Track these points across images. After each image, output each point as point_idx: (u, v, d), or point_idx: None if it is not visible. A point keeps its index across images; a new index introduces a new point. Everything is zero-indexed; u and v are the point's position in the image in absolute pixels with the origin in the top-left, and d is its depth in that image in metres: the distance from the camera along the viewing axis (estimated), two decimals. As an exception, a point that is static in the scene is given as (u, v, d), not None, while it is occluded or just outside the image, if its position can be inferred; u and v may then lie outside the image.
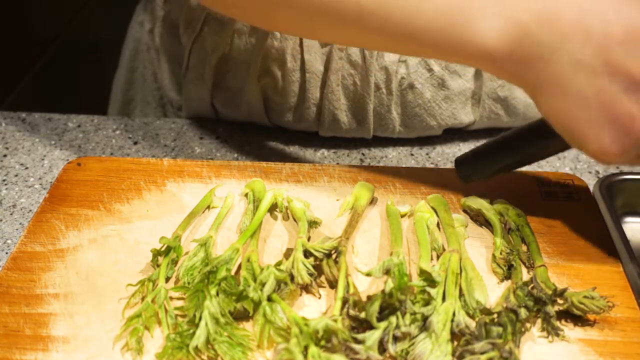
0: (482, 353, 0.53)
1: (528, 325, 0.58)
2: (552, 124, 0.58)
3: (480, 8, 0.57)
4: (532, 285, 0.60)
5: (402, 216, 0.69)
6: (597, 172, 0.81)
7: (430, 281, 0.59)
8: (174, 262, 0.63)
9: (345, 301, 0.57)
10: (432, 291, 0.58)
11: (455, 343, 0.56)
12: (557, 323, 0.58)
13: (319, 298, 0.61)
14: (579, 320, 0.59)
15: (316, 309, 0.60)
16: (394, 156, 0.84)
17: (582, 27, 0.54)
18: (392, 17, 0.59)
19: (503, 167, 0.70)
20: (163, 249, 0.63)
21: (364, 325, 0.56)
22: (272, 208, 0.70)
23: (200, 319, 0.56)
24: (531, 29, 0.55)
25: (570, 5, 0.54)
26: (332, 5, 0.60)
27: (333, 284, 0.61)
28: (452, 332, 0.56)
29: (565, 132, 0.58)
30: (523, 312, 0.57)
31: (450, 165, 0.83)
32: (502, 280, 0.63)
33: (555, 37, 0.54)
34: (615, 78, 0.53)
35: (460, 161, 0.72)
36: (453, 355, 0.54)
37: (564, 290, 0.59)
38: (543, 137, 0.64)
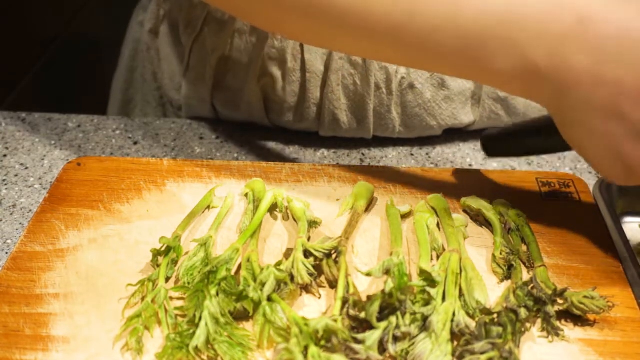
0: (482, 353, 0.53)
1: (528, 325, 0.58)
2: (570, 145, 0.60)
3: (493, 45, 0.56)
4: (532, 285, 0.60)
5: (402, 216, 0.69)
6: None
7: (430, 281, 0.59)
8: (174, 262, 0.63)
9: (345, 301, 0.57)
10: (432, 291, 0.58)
11: (455, 343, 0.56)
12: (557, 323, 0.58)
13: (319, 298, 0.61)
14: (579, 320, 0.59)
15: (316, 309, 0.60)
16: (394, 156, 0.84)
17: (594, 75, 0.54)
18: (406, 41, 0.59)
19: (530, 150, 0.70)
20: (163, 249, 0.63)
21: (364, 325, 0.56)
22: (272, 208, 0.70)
23: (200, 319, 0.56)
24: (542, 72, 0.55)
25: (582, 52, 0.54)
26: (350, 18, 0.59)
27: (333, 284, 0.61)
28: (452, 332, 0.56)
29: (582, 156, 0.60)
30: (523, 312, 0.57)
31: (450, 165, 0.83)
32: (502, 280, 0.63)
33: (566, 84, 0.55)
34: (623, 125, 0.55)
35: (487, 137, 0.72)
36: (453, 355, 0.54)
37: (564, 290, 0.59)
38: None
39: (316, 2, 0.60)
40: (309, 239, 0.65)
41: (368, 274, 0.61)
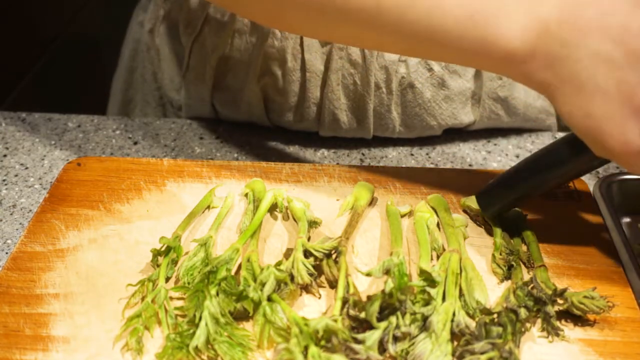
0: (482, 353, 0.53)
1: (528, 325, 0.58)
2: (571, 125, 0.58)
3: (502, 7, 0.56)
4: (532, 285, 0.60)
5: (402, 216, 0.69)
6: (597, 172, 0.81)
7: (430, 281, 0.59)
8: (174, 262, 0.63)
9: (345, 301, 0.57)
10: (432, 291, 0.58)
11: (455, 343, 0.56)
12: (557, 323, 0.58)
13: (319, 298, 0.61)
14: (579, 320, 0.59)
15: (316, 309, 0.60)
16: (394, 156, 0.84)
17: (601, 23, 0.54)
18: (410, 17, 0.58)
19: (527, 193, 0.66)
20: (163, 249, 0.63)
21: (364, 325, 0.56)
22: (272, 208, 0.70)
23: (200, 319, 0.56)
24: (552, 26, 0.55)
25: (589, 4, 0.55)
26: (346, 5, 0.60)
27: (333, 284, 0.61)
28: (452, 332, 0.56)
29: (585, 132, 0.56)
30: (523, 312, 0.57)
31: (450, 165, 0.83)
32: (502, 281, 0.63)
33: (575, 34, 0.55)
34: (634, 68, 0.53)
35: (481, 193, 0.68)
36: (453, 355, 0.54)
37: (564, 290, 0.59)
38: (571, 156, 0.62)
39: None
40: (309, 239, 0.65)
41: (368, 274, 0.61)
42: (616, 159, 0.56)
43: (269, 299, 0.58)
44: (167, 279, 0.62)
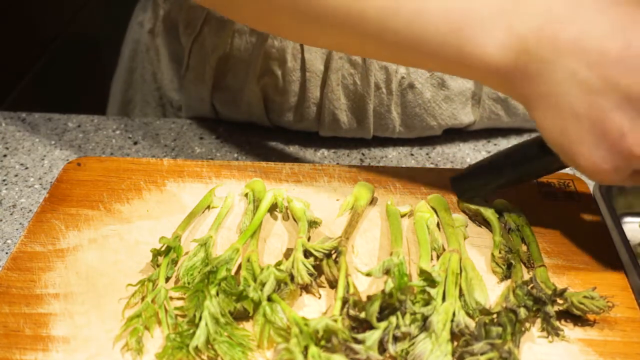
0: (481, 353, 0.53)
1: (528, 325, 0.58)
2: (546, 139, 0.59)
3: (482, 21, 0.57)
4: (531, 285, 0.60)
5: (402, 216, 0.69)
6: (597, 172, 0.81)
7: (430, 281, 0.59)
8: (174, 262, 0.63)
9: (345, 301, 0.57)
10: (432, 291, 0.58)
11: (455, 343, 0.56)
12: (557, 323, 0.58)
13: (319, 298, 0.61)
14: (579, 320, 0.59)
15: (316, 309, 0.60)
16: (394, 156, 0.84)
17: (579, 44, 0.54)
18: (392, 26, 0.59)
19: (499, 185, 0.69)
20: (163, 249, 0.63)
21: (364, 325, 0.56)
22: (272, 208, 0.70)
23: (200, 319, 0.56)
24: (531, 43, 0.55)
25: (569, 24, 0.55)
26: (330, 12, 0.60)
27: (333, 284, 0.61)
28: (452, 332, 0.55)
29: (559, 148, 0.58)
30: (523, 312, 0.57)
31: (450, 165, 0.83)
32: (501, 280, 0.63)
33: (553, 54, 0.55)
34: (608, 94, 0.54)
35: (455, 179, 0.71)
36: (453, 355, 0.54)
37: (564, 290, 0.59)
38: (540, 156, 0.64)
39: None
40: (309, 239, 0.65)
41: (368, 274, 0.61)
42: (585, 174, 0.58)
43: (269, 299, 0.58)
44: (167, 279, 0.62)
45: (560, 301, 0.59)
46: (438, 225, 0.68)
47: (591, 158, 0.56)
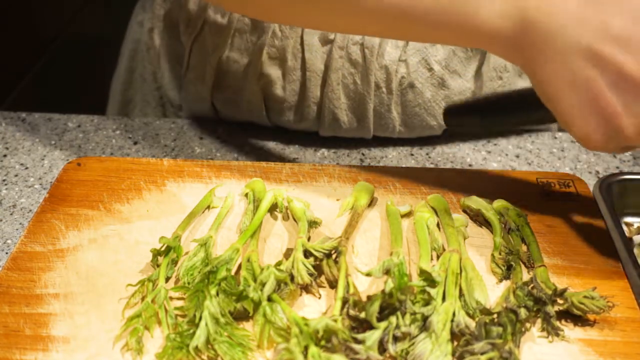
0: (482, 353, 0.53)
1: (528, 325, 0.58)
2: (545, 103, 0.60)
3: None
4: (532, 285, 0.60)
5: (402, 216, 0.69)
6: (597, 172, 0.81)
7: (430, 281, 0.59)
8: (174, 262, 0.63)
9: (345, 301, 0.57)
10: (432, 291, 0.58)
11: (455, 343, 0.56)
12: (557, 323, 0.58)
13: (319, 298, 0.61)
14: (579, 320, 0.59)
15: (316, 309, 0.60)
16: (394, 156, 0.84)
17: (580, 18, 0.55)
18: None
19: (491, 123, 0.71)
20: (163, 249, 0.63)
21: (364, 325, 0.56)
22: (272, 208, 0.70)
23: (200, 319, 0.56)
24: (532, 15, 0.56)
25: None
26: None
27: (333, 284, 0.61)
28: (452, 332, 0.55)
29: (556, 114, 0.59)
30: (523, 312, 0.57)
31: (450, 165, 0.83)
32: (501, 280, 0.63)
33: (553, 26, 0.55)
34: (605, 71, 0.54)
35: (449, 109, 0.72)
36: (453, 355, 0.54)
37: (564, 290, 0.59)
38: (538, 107, 0.63)
39: None
40: (309, 239, 0.65)
41: (368, 274, 0.61)
42: (578, 141, 0.59)
43: (269, 299, 0.58)
44: (167, 279, 0.62)
45: (560, 301, 0.59)
46: (438, 225, 0.68)
47: (585, 127, 0.57)
